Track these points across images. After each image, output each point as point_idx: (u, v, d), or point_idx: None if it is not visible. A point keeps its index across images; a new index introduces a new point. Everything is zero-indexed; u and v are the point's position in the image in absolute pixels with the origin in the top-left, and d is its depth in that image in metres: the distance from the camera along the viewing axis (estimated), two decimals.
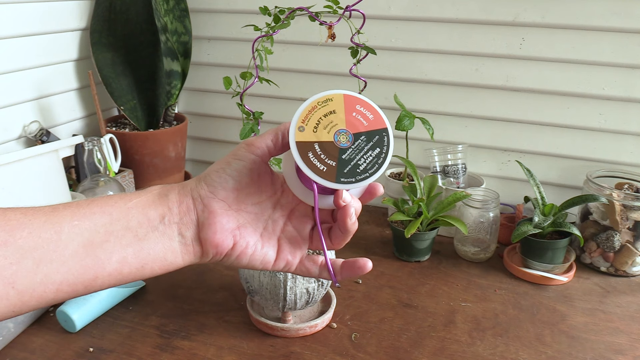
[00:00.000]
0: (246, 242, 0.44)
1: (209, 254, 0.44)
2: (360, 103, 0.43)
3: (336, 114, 0.42)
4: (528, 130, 1.15)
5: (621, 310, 0.90)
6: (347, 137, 0.41)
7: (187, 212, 0.43)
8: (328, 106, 0.42)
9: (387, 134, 0.42)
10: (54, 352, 0.78)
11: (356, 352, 0.79)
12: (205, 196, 0.43)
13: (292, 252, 0.47)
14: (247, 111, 0.80)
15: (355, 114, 0.42)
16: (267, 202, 0.46)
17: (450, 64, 1.14)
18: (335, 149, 0.41)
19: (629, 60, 1.03)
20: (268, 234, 0.46)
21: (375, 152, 0.42)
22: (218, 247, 0.43)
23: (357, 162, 0.41)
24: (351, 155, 0.41)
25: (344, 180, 0.40)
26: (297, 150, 0.40)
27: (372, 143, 0.42)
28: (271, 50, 0.77)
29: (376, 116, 0.43)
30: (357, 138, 0.42)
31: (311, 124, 0.41)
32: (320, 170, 0.40)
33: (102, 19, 1.22)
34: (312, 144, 0.41)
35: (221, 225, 0.43)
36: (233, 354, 0.78)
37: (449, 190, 1.09)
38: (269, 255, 0.46)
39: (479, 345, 0.80)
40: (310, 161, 0.40)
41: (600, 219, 1.01)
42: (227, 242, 0.43)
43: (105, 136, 1.12)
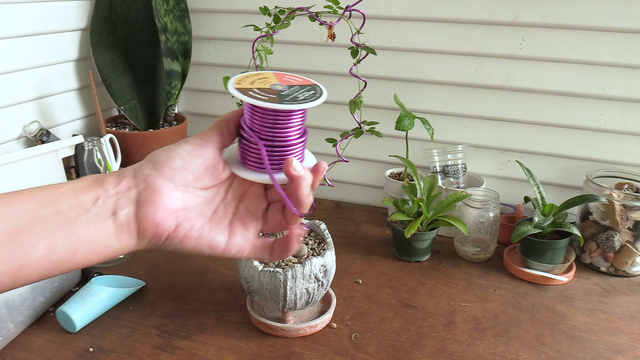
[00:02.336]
0: (191, 225, 0.42)
1: (147, 234, 0.41)
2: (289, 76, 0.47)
3: (268, 79, 0.45)
4: (528, 130, 1.15)
5: (621, 310, 0.90)
6: (282, 86, 0.45)
7: (127, 191, 0.41)
8: (260, 76, 0.45)
9: (318, 86, 0.46)
10: (54, 352, 0.78)
11: (356, 352, 0.79)
12: (149, 174, 0.41)
13: (244, 236, 0.45)
14: None
15: (286, 78, 0.47)
16: (218, 187, 0.45)
17: (450, 64, 1.14)
18: (273, 91, 0.43)
19: (629, 60, 1.03)
20: (218, 217, 0.44)
21: (310, 93, 0.45)
22: (157, 227, 0.40)
23: (296, 95, 0.44)
24: (289, 92, 0.44)
25: (286, 102, 0.42)
26: (238, 92, 0.42)
27: (306, 89, 0.45)
28: (271, 50, 0.77)
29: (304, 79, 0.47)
30: (292, 87, 0.45)
31: (246, 82, 0.44)
32: (263, 99, 0.41)
33: (102, 19, 1.22)
34: (251, 89, 0.43)
35: (163, 204, 0.41)
36: (233, 354, 0.78)
37: (449, 190, 1.09)
38: (218, 240, 0.43)
39: (479, 345, 0.80)
40: (252, 95, 0.42)
41: (600, 219, 1.01)
42: (168, 223, 0.41)
43: (105, 136, 1.12)
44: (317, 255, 0.82)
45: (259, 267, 0.78)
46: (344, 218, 1.24)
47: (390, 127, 1.14)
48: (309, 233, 0.89)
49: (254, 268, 0.78)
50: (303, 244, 0.84)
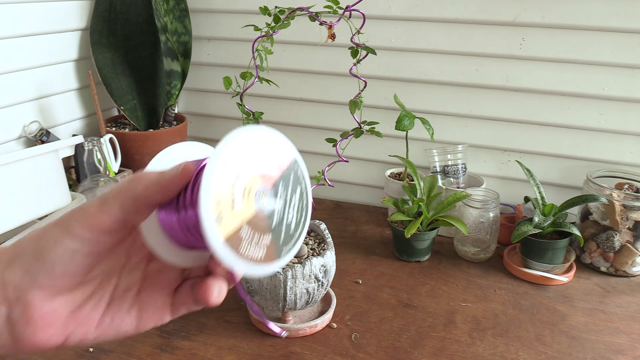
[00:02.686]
0: (84, 331, 0.33)
1: (24, 350, 0.32)
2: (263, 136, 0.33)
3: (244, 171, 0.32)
4: (528, 130, 1.15)
5: (621, 310, 0.90)
6: (266, 197, 0.32)
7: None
8: (232, 168, 0.31)
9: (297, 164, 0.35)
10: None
11: (356, 352, 0.79)
12: (20, 284, 0.31)
13: (158, 312, 0.36)
14: (247, 111, 0.80)
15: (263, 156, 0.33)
16: (113, 267, 0.35)
17: (450, 64, 1.14)
18: (262, 220, 0.32)
19: (629, 60, 1.03)
20: (118, 300, 0.34)
21: (297, 195, 0.34)
22: (39, 347, 0.32)
23: (287, 220, 0.34)
24: (280, 217, 0.33)
25: (285, 251, 0.33)
26: (229, 250, 0.30)
27: (291, 186, 0.34)
28: (271, 50, 0.77)
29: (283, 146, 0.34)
30: (277, 189, 0.33)
31: (225, 205, 0.30)
32: (259, 258, 0.31)
33: (102, 19, 1.22)
34: (239, 231, 0.30)
35: (43, 321, 0.31)
36: (233, 354, 0.78)
37: (449, 190, 1.09)
38: (125, 325, 0.34)
39: (479, 345, 0.80)
40: (246, 254, 0.31)
41: (600, 219, 1.01)
42: (53, 340, 0.32)
43: (105, 136, 1.12)
44: (317, 255, 0.82)
45: None
46: (344, 218, 1.24)
47: (390, 127, 1.14)
48: (309, 233, 0.89)
49: None
50: (303, 244, 0.84)
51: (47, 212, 0.86)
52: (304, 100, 1.29)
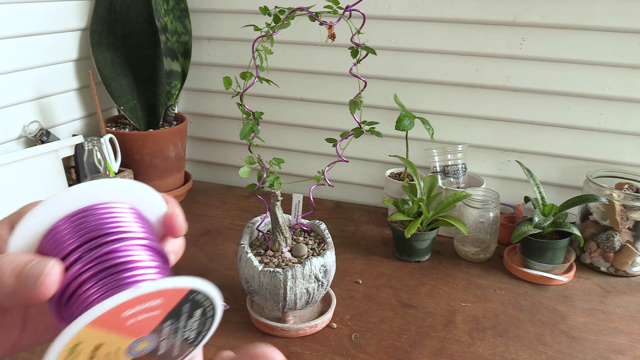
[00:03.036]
0: None
1: None
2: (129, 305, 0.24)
3: (105, 345, 0.25)
4: (528, 130, 1.15)
5: (621, 310, 0.90)
6: (144, 342, 0.26)
7: None
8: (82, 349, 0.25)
9: (195, 292, 0.26)
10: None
11: (356, 352, 0.79)
12: None
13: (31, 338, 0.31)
14: (247, 111, 0.80)
15: (133, 318, 0.25)
16: None
17: (450, 64, 1.14)
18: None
19: (629, 60, 1.03)
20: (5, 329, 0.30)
21: (197, 315, 0.28)
22: None
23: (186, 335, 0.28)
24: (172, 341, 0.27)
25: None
26: None
27: (187, 311, 0.27)
28: (271, 50, 0.77)
29: (168, 293, 0.25)
30: (162, 326, 0.26)
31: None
32: None
33: (102, 19, 1.22)
34: None
35: None
36: None
37: (449, 190, 1.09)
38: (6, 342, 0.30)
39: (479, 345, 0.80)
40: None
41: (600, 219, 1.01)
42: None
43: (105, 136, 1.12)
44: (317, 255, 0.82)
45: (259, 267, 0.78)
46: (344, 218, 1.24)
47: (390, 127, 1.14)
48: (309, 233, 0.89)
49: (254, 268, 0.78)
50: (303, 244, 0.84)
51: None
52: (304, 100, 1.29)
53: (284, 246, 0.84)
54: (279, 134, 1.34)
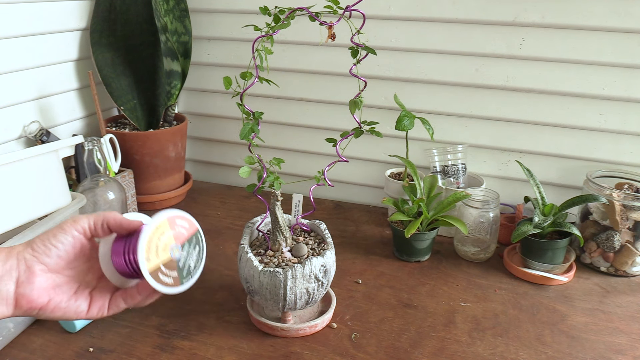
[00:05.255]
0: (59, 299, 0.52)
1: (22, 307, 0.50)
2: (178, 217, 0.55)
3: (165, 235, 0.53)
4: (528, 130, 1.15)
5: (621, 310, 0.90)
6: (177, 250, 0.54)
7: (10, 270, 0.50)
8: (159, 231, 0.53)
9: (199, 233, 0.57)
10: (54, 352, 0.78)
11: (356, 352, 0.79)
12: (29, 259, 0.50)
13: (103, 303, 0.54)
14: (247, 111, 0.80)
15: (177, 227, 0.55)
16: (81, 268, 0.54)
17: (450, 64, 1.14)
18: (173, 263, 0.54)
19: (629, 60, 1.03)
20: (81, 291, 0.54)
21: (197, 251, 0.57)
22: (32, 302, 0.50)
23: (189, 263, 0.55)
24: (184, 262, 0.55)
25: (185, 282, 0.55)
26: (152, 278, 0.51)
27: (193, 243, 0.56)
28: (271, 50, 0.76)
29: (190, 223, 0.56)
30: (184, 246, 0.55)
31: (153, 252, 0.52)
32: (170, 284, 0.53)
33: (102, 19, 1.22)
34: (159, 268, 0.52)
35: (39, 284, 0.50)
36: (233, 354, 0.78)
37: (449, 190, 1.09)
38: (82, 308, 0.53)
39: (479, 345, 0.80)
40: (162, 280, 0.52)
41: (600, 219, 1.01)
42: (42, 299, 0.50)
43: (105, 136, 1.12)
44: (317, 255, 0.82)
45: (259, 267, 0.78)
46: (344, 218, 1.24)
47: (390, 127, 1.14)
48: (309, 233, 0.89)
49: (254, 268, 0.78)
50: (303, 244, 0.84)
51: (47, 212, 0.86)
52: (304, 100, 1.29)
53: (284, 246, 0.84)
54: (279, 134, 1.34)
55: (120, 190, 1.03)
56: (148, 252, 0.51)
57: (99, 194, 0.99)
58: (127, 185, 1.17)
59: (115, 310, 0.55)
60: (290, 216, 0.92)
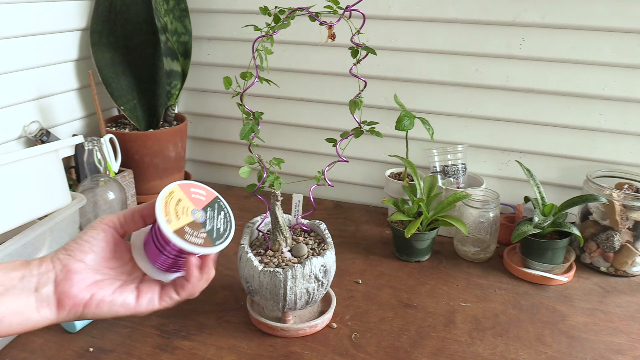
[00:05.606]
0: (103, 294, 0.50)
1: (65, 307, 0.49)
2: (191, 186, 0.55)
3: (182, 200, 0.53)
4: (528, 130, 1.15)
5: (621, 310, 0.90)
6: (199, 212, 0.53)
7: (46, 272, 0.49)
8: (174, 197, 0.52)
9: (220, 199, 0.56)
10: (54, 352, 0.78)
11: (356, 352, 0.79)
12: (64, 258, 0.50)
13: (151, 295, 0.53)
14: (247, 111, 0.80)
15: (193, 194, 0.54)
16: (123, 266, 0.54)
17: (450, 64, 1.14)
18: (198, 225, 0.52)
19: (629, 60, 1.03)
20: (126, 285, 0.53)
21: (222, 215, 0.55)
22: (74, 299, 0.49)
23: (217, 227, 0.54)
24: (211, 225, 0.53)
25: (218, 243, 0.53)
26: (178, 237, 0.50)
27: (216, 209, 0.55)
28: (271, 50, 0.76)
29: (206, 191, 0.56)
30: (206, 210, 0.54)
31: (172, 215, 0.51)
32: (199, 244, 0.51)
33: (102, 19, 1.22)
34: (182, 229, 0.51)
35: (78, 280, 0.49)
36: (233, 354, 0.78)
37: (449, 190, 1.09)
38: (128, 300, 0.51)
39: (479, 345, 0.80)
40: (190, 240, 0.51)
41: (600, 219, 1.01)
42: (82, 295, 0.49)
43: (105, 136, 1.12)
44: (317, 255, 0.82)
45: (259, 267, 0.78)
46: (344, 218, 1.24)
47: (390, 127, 1.14)
48: (309, 233, 0.89)
49: (254, 268, 0.78)
50: (303, 244, 0.84)
51: (47, 212, 0.86)
52: (304, 100, 1.29)
53: (284, 246, 0.84)
54: (279, 134, 1.34)
55: (120, 190, 1.03)
56: (167, 215, 0.50)
57: (99, 194, 0.99)
58: (127, 185, 1.17)
59: (168, 303, 0.53)
60: (290, 216, 0.92)
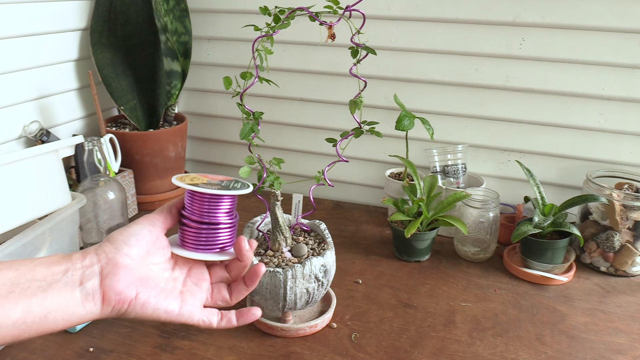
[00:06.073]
0: (148, 293, 0.49)
1: (111, 302, 0.47)
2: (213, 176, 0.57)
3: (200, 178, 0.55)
4: (528, 130, 1.15)
5: (621, 310, 0.90)
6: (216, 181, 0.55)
7: (91, 265, 0.48)
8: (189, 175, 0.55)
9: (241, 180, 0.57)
10: (54, 352, 0.78)
11: (356, 352, 0.79)
12: (109, 251, 0.49)
13: (193, 304, 0.52)
14: (247, 111, 0.80)
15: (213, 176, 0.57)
16: (166, 263, 0.54)
17: (450, 64, 1.14)
18: (213, 183, 0.53)
19: (629, 60, 1.03)
20: (170, 287, 0.52)
21: (240, 184, 0.55)
22: (121, 294, 0.47)
23: (234, 185, 0.54)
24: (226, 184, 0.54)
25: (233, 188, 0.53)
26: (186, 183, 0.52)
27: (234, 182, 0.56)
28: (271, 50, 0.76)
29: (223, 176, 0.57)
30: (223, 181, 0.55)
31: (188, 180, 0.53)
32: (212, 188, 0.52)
33: (102, 19, 1.22)
34: (196, 185, 0.53)
35: (125, 274, 0.48)
36: (233, 354, 0.78)
37: (449, 190, 1.09)
38: (172, 306, 0.51)
39: (479, 345, 0.80)
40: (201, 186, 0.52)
41: (600, 219, 1.01)
42: (129, 291, 0.48)
43: (105, 136, 1.12)
44: (317, 255, 0.82)
45: None
46: (344, 218, 1.24)
47: (390, 127, 1.14)
48: (309, 233, 0.89)
49: None
50: (303, 244, 0.85)
51: (47, 212, 0.86)
52: (304, 100, 1.29)
53: (284, 246, 0.84)
54: (279, 134, 1.34)
55: (120, 190, 1.03)
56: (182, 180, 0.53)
57: (99, 194, 0.99)
58: (127, 185, 1.17)
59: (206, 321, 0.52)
60: (290, 216, 0.92)
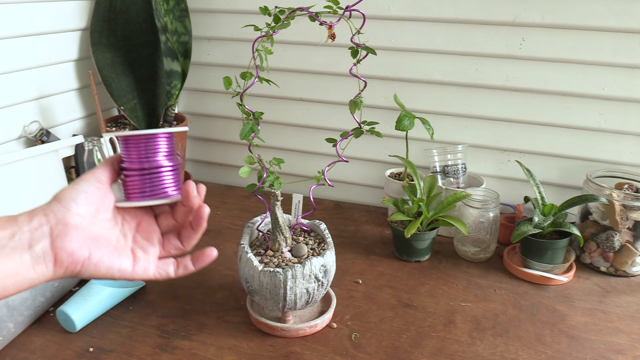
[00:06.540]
0: (101, 253, 0.48)
1: (63, 263, 0.46)
2: None
3: None
4: (528, 130, 1.15)
5: (621, 310, 0.90)
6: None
7: (39, 227, 0.46)
8: None
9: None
10: (54, 352, 0.78)
11: (356, 352, 0.79)
12: (59, 211, 0.48)
13: (146, 259, 0.52)
14: (247, 111, 0.80)
15: None
16: (114, 220, 0.52)
17: (450, 64, 1.14)
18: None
19: (629, 60, 1.03)
20: (121, 246, 0.52)
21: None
22: (73, 255, 0.46)
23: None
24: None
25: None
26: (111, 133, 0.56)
27: None
28: (271, 50, 0.76)
29: None
30: None
31: None
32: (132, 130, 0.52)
33: (102, 19, 1.22)
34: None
35: (76, 234, 0.47)
36: (233, 354, 0.78)
37: (449, 190, 1.09)
38: (125, 264, 0.50)
39: (479, 345, 0.80)
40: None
41: (600, 219, 1.01)
42: (82, 251, 0.47)
43: (105, 136, 1.12)
44: (317, 255, 0.82)
45: (259, 267, 0.78)
46: (344, 218, 1.24)
47: (390, 127, 1.14)
48: (309, 233, 0.89)
49: (254, 268, 0.78)
50: (303, 244, 0.85)
51: None
52: (304, 100, 1.29)
53: (284, 246, 0.84)
54: (279, 134, 1.34)
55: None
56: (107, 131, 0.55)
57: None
58: None
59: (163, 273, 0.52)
60: (290, 216, 0.92)
